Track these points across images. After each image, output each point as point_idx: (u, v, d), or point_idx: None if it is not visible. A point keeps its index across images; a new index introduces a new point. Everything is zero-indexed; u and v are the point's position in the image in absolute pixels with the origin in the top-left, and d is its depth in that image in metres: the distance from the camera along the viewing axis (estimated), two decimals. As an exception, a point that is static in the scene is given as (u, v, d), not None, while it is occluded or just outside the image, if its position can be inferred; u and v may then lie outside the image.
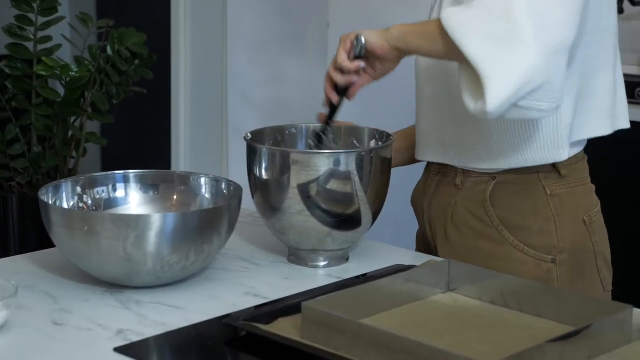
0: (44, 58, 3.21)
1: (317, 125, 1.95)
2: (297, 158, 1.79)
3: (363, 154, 1.80)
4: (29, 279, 1.78)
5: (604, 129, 1.90)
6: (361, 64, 1.81)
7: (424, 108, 1.97)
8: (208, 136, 3.83)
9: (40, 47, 3.25)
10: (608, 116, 1.90)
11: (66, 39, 3.36)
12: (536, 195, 1.88)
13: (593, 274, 1.91)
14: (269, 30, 3.73)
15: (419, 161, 2.04)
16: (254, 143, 1.87)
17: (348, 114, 2.01)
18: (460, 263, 1.72)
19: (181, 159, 3.89)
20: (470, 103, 1.69)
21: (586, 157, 1.94)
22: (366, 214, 1.84)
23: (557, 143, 1.84)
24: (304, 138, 1.99)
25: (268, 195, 1.84)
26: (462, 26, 1.67)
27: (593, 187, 1.95)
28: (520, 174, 1.88)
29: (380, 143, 1.92)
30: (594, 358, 1.44)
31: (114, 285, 1.75)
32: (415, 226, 2.08)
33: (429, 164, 2.02)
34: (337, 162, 1.78)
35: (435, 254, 1.97)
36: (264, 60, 3.74)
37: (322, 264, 1.87)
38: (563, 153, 1.85)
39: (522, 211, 1.88)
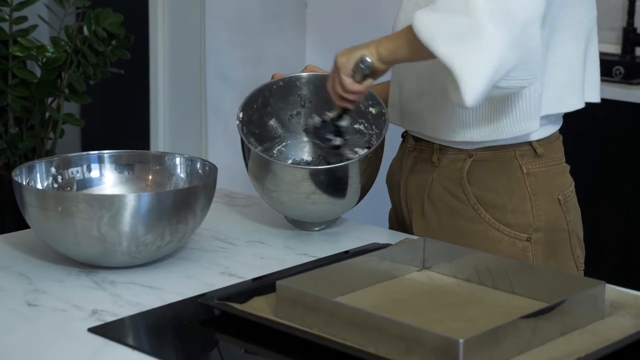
0: (19, 39, 3.19)
1: (331, 114, 1.94)
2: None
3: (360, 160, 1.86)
4: (3, 259, 1.78)
5: (576, 102, 1.91)
6: (371, 82, 1.83)
7: (399, 74, 1.97)
8: (187, 116, 3.82)
9: (15, 27, 3.23)
10: (578, 89, 1.91)
11: (42, 19, 3.34)
12: (512, 173, 1.89)
13: (566, 252, 1.92)
14: (247, 10, 3.72)
15: None
16: (246, 138, 1.91)
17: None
18: (435, 241, 1.72)
19: (160, 140, 3.88)
20: (454, 96, 1.71)
21: (561, 137, 1.94)
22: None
23: (530, 113, 1.85)
24: (294, 89, 2.01)
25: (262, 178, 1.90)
26: (429, 29, 1.70)
27: (568, 166, 1.95)
28: (497, 151, 1.89)
29: (370, 105, 1.96)
30: (567, 333, 1.44)
31: (88, 266, 1.74)
32: (387, 205, 2.08)
33: (405, 140, 2.02)
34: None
35: (410, 232, 1.98)
36: (242, 41, 3.73)
37: (317, 228, 1.96)
38: (535, 123, 1.86)
39: (498, 189, 1.88)
